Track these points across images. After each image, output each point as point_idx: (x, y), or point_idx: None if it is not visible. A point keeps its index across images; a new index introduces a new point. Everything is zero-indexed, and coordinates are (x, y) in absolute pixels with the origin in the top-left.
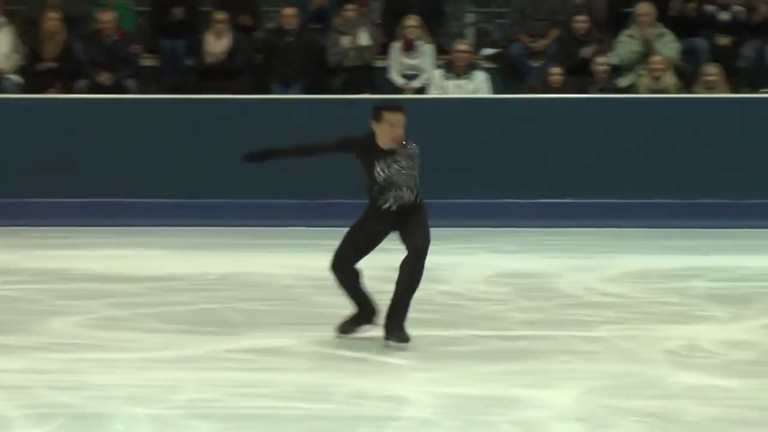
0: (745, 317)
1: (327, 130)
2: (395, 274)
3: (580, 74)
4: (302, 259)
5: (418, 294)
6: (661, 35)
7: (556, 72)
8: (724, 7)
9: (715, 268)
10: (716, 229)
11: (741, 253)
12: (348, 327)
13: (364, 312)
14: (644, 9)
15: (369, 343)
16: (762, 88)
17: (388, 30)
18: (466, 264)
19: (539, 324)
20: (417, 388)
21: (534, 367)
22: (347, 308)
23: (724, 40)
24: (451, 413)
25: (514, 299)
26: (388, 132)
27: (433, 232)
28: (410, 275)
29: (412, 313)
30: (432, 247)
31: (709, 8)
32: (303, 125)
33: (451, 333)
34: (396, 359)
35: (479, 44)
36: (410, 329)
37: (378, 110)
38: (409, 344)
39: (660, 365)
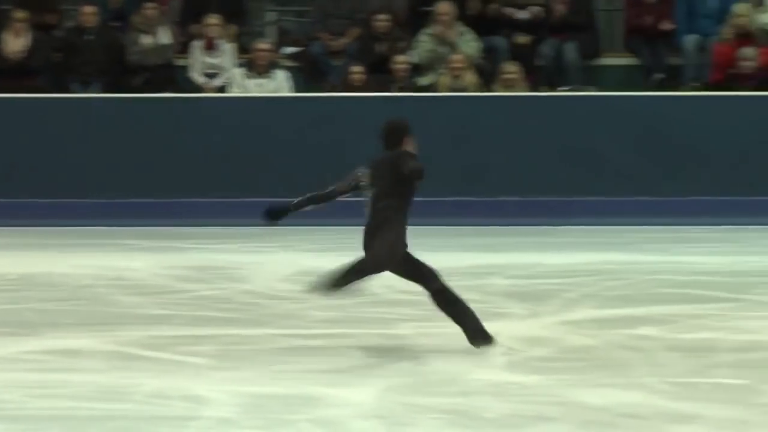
0: (543, 314)
1: (127, 129)
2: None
3: (380, 73)
4: (103, 258)
5: (217, 293)
6: (461, 34)
7: (356, 71)
8: (523, 7)
9: (513, 265)
10: (514, 226)
11: (538, 251)
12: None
13: None
14: (444, 8)
15: (168, 342)
16: (560, 86)
17: (189, 28)
18: (266, 263)
19: (339, 322)
20: (217, 387)
21: (334, 365)
22: (147, 308)
23: (522, 39)
24: (251, 412)
25: (313, 297)
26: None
27: (233, 231)
28: None
29: (210, 311)
30: (232, 246)
31: (509, 10)
32: (103, 124)
33: (251, 332)
34: (196, 358)
35: (280, 43)
36: (209, 328)
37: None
38: (209, 343)
39: (459, 362)
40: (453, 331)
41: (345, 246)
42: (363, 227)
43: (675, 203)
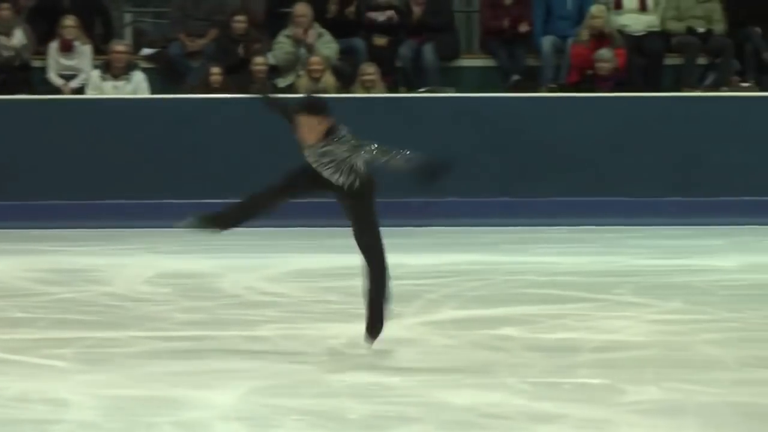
0: (405, 315)
1: None
2: None
3: (239, 74)
4: None
5: (79, 295)
6: (319, 36)
7: (215, 72)
8: (381, 9)
9: None
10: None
11: (399, 252)
12: None
13: None
14: (301, 10)
15: (30, 345)
16: (418, 87)
17: (46, 30)
18: (128, 265)
19: (202, 324)
20: (80, 390)
21: (197, 367)
22: (8, 311)
23: (381, 41)
24: (114, 415)
25: (176, 299)
26: (297, 131)
27: (93, 233)
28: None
29: (72, 314)
30: (93, 248)
31: (371, 14)
32: None
33: (114, 334)
34: (58, 362)
35: (138, 44)
36: (70, 331)
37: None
38: (71, 345)
39: (322, 364)
40: (314, 333)
41: (208, 248)
42: None
43: (533, 204)
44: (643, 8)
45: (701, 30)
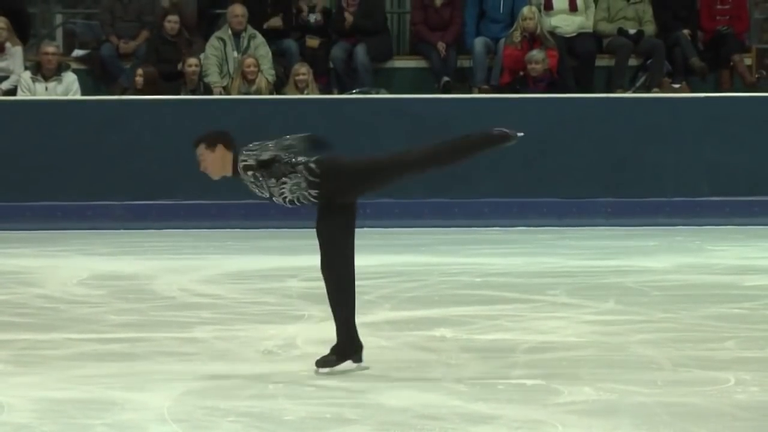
0: None
1: None
2: None
3: (171, 76)
4: None
5: (12, 297)
6: (252, 37)
7: (143, 73)
8: (313, 9)
9: (309, 267)
10: (309, 229)
11: None
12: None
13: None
14: (235, 11)
15: None
16: (351, 89)
17: None
18: (61, 266)
19: (136, 326)
20: (13, 393)
21: (131, 369)
22: None
23: (313, 42)
24: (48, 417)
25: (110, 301)
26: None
27: (25, 235)
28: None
29: (6, 317)
30: (26, 250)
31: (306, 17)
32: None
33: (47, 336)
34: None
35: (69, 45)
36: (3, 333)
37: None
38: (4, 348)
39: (258, 365)
40: (249, 335)
41: (142, 250)
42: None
43: (467, 205)
44: (573, 9)
45: (632, 31)
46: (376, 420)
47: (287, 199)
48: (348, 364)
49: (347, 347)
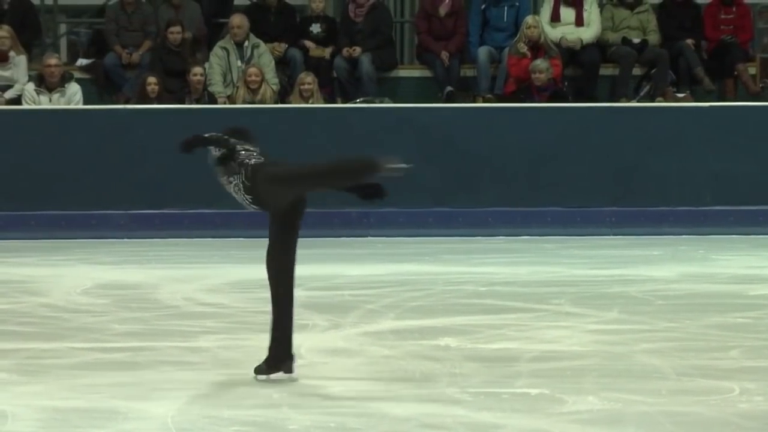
0: (344, 325)
1: None
2: None
3: (176, 85)
4: None
5: (16, 307)
6: (256, 46)
7: (150, 82)
8: (316, 19)
9: (314, 276)
10: (313, 238)
11: (338, 262)
12: None
13: None
14: (238, 20)
15: None
16: (355, 98)
17: None
18: (65, 276)
19: (139, 335)
20: (17, 402)
21: (135, 378)
22: None
23: (320, 51)
24: (52, 426)
25: (113, 311)
26: None
27: (30, 244)
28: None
29: (10, 326)
30: (30, 259)
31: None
32: None
33: (51, 345)
34: None
35: (72, 55)
36: (7, 342)
37: None
38: (8, 357)
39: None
40: (254, 344)
41: (145, 259)
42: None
43: (471, 214)
44: (579, 23)
45: (636, 41)
46: (379, 429)
47: (238, 201)
48: (280, 375)
49: (279, 357)
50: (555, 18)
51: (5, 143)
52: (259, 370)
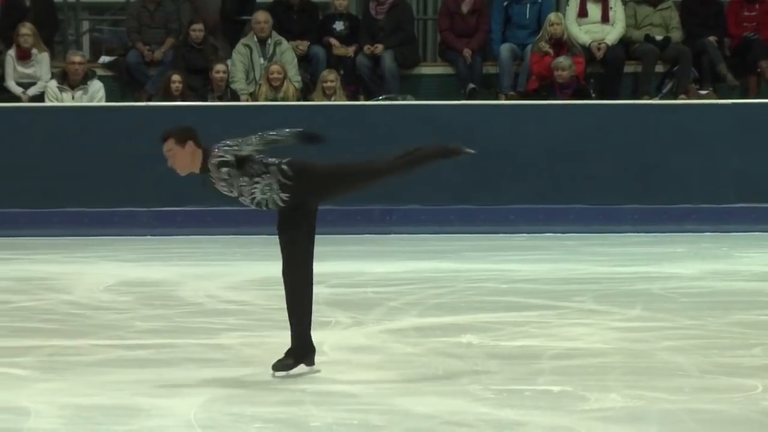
0: (367, 322)
1: None
2: None
3: (199, 82)
4: None
5: (39, 304)
6: (278, 43)
7: (175, 80)
8: (339, 17)
9: (336, 274)
10: (335, 235)
11: (360, 260)
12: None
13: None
14: (261, 17)
15: None
16: (378, 95)
17: (5, 37)
18: (88, 273)
19: (162, 332)
20: (40, 399)
21: (158, 375)
22: None
23: (343, 50)
24: (75, 423)
25: (136, 308)
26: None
27: (52, 241)
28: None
29: (33, 323)
30: (53, 257)
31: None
32: None
33: (74, 342)
34: (18, 370)
35: (95, 52)
36: (30, 339)
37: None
38: (31, 354)
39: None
40: (276, 341)
41: (168, 256)
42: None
43: (493, 211)
44: (605, 19)
45: (659, 38)
46: (402, 426)
47: (255, 200)
48: (302, 368)
49: (301, 351)
50: (582, 14)
51: (28, 140)
52: (278, 367)
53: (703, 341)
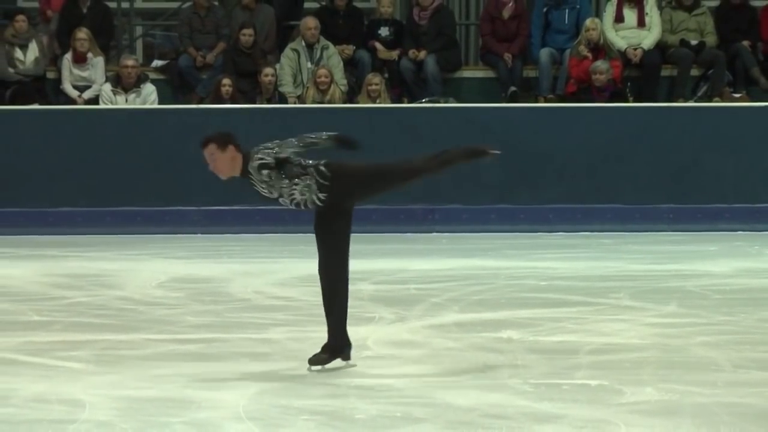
0: (410, 318)
1: None
2: None
3: (248, 86)
4: None
5: (93, 299)
6: (325, 48)
7: (225, 83)
8: (385, 23)
9: (380, 271)
10: (378, 234)
11: (403, 257)
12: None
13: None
14: (309, 23)
15: (46, 348)
16: (421, 98)
17: (62, 41)
18: (141, 270)
19: (212, 327)
20: (93, 391)
21: (208, 368)
22: (24, 314)
23: (388, 54)
24: (127, 415)
25: (187, 303)
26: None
27: (107, 239)
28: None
29: (87, 318)
30: (106, 254)
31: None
32: None
33: (126, 337)
34: (73, 363)
35: (148, 56)
36: (85, 334)
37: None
38: (85, 348)
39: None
40: (322, 336)
41: (218, 253)
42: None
43: (532, 211)
44: (641, 24)
45: (694, 42)
46: (444, 419)
47: (295, 201)
48: (338, 362)
49: (338, 345)
50: (618, 19)
51: (83, 142)
52: (314, 361)
53: (736, 336)
